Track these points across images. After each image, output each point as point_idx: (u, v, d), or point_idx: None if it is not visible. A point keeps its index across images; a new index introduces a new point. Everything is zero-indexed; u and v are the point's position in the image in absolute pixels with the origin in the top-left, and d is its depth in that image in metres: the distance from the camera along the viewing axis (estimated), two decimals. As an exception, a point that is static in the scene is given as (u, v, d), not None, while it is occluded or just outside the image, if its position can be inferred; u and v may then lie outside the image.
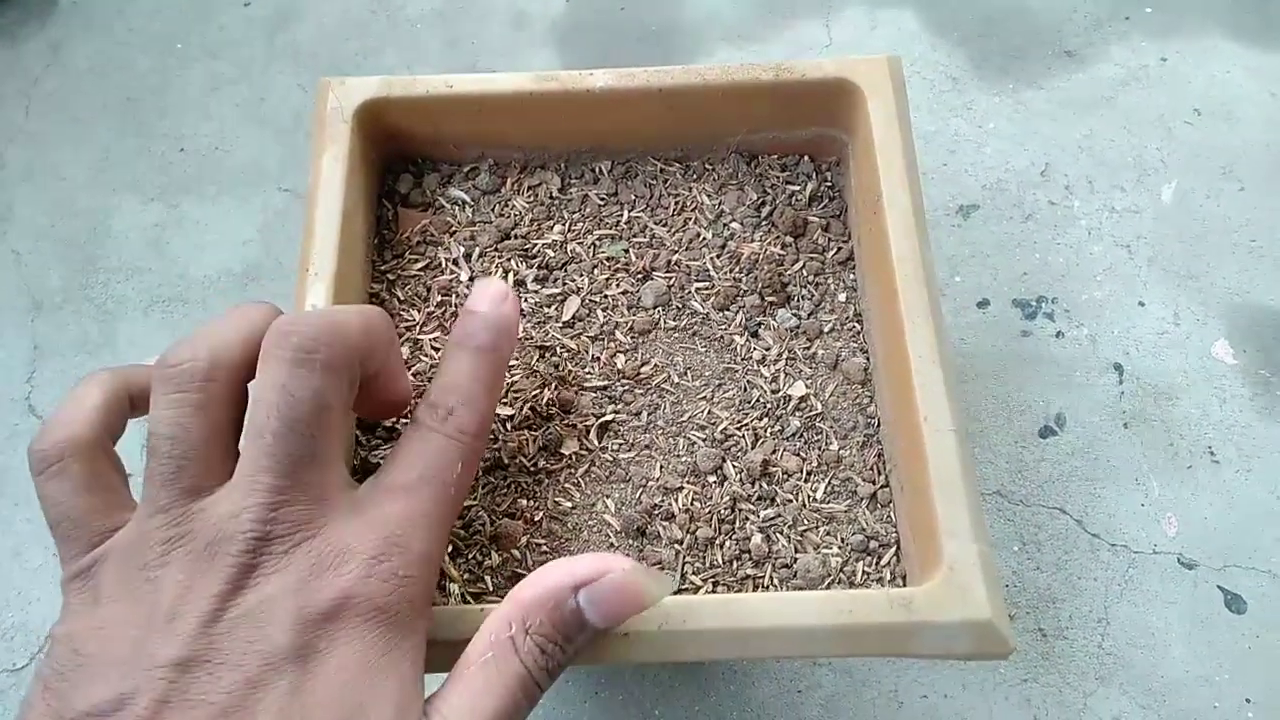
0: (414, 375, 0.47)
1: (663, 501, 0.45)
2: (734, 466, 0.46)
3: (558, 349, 0.48)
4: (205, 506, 0.27)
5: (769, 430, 0.47)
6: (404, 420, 0.46)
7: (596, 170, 0.54)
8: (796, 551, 0.44)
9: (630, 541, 0.44)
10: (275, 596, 0.25)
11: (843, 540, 0.44)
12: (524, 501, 0.45)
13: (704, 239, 0.52)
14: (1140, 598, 0.61)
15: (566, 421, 0.47)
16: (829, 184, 0.54)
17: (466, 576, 0.43)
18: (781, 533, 0.44)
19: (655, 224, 0.52)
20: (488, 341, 0.35)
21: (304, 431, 0.28)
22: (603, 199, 0.53)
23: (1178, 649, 0.59)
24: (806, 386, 0.48)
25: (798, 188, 0.53)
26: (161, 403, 0.28)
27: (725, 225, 0.52)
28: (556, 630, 0.31)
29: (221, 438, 0.29)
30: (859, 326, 0.49)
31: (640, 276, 0.51)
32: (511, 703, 0.29)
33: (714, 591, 0.43)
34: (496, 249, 0.51)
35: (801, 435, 0.47)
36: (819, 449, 0.46)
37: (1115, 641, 0.60)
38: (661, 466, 0.46)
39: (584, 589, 0.32)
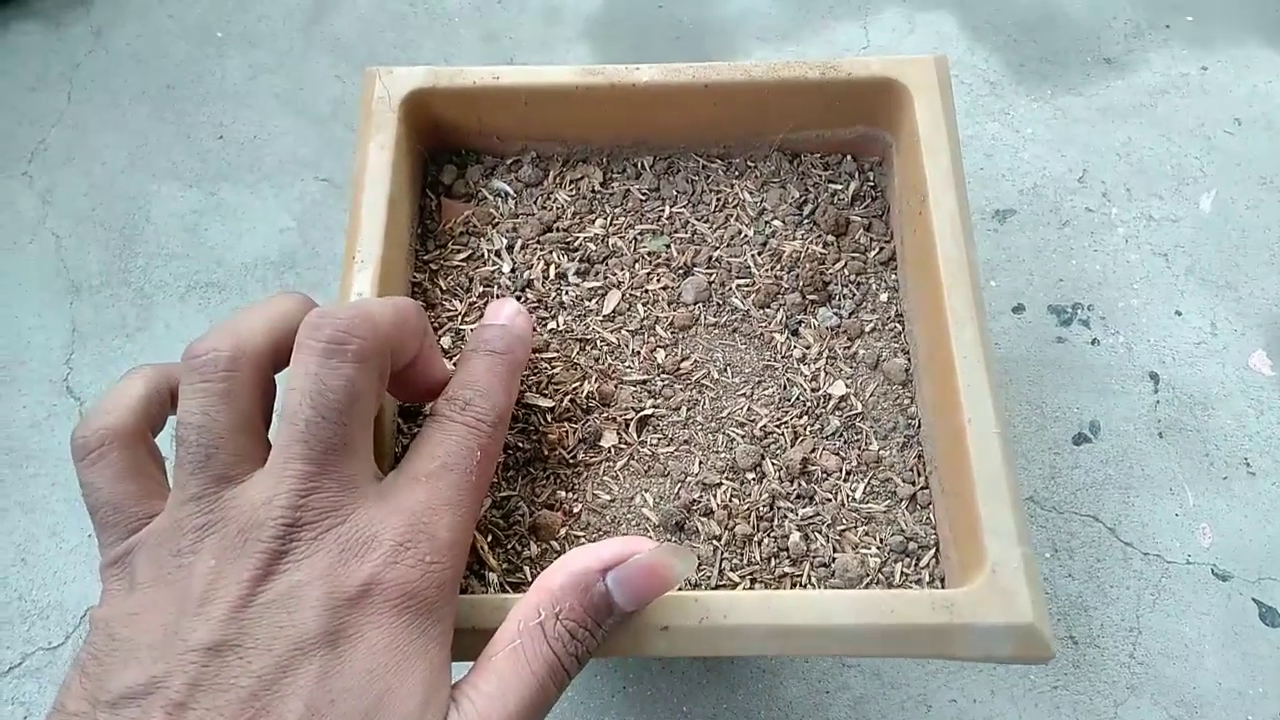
0: (455, 365, 0.47)
1: (701, 497, 0.45)
2: (773, 464, 0.46)
3: (598, 342, 0.49)
4: (237, 494, 0.28)
5: (808, 429, 0.47)
6: (444, 409, 0.46)
7: (639, 165, 0.54)
8: (835, 551, 0.44)
9: (668, 536, 0.44)
10: (305, 582, 0.26)
11: (881, 541, 0.44)
12: (563, 493, 0.45)
13: (745, 236, 0.52)
14: (1173, 608, 0.61)
15: (606, 415, 0.47)
16: (871, 184, 0.53)
17: (505, 566, 0.43)
18: (820, 531, 0.44)
19: (697, 220, 0.52)
20: (503, 346, 0.37)
21: (336, 420, 0.28)
22: (644, 194, 0.53)
23: (1211, 661, 0.59)
24: (847, 386, 0.48)
25: (840, 187, 0.53)
26: (187, 392, 0.29)
27: (767, 223, 0.52)
28: (586, 614, 0.31)
29: (249, 426, 0.30)
30: (900, 327, 0.49)
31: (681, 272, 0.51)
32: (540, 689, 0.29)
33: (751, 588, 0.43)
34: (538, 241, 0.51)
35: (841, 434, 0.46)
36: (859, 449, 0.46)
37: (1147, 651, 0.59)
38: (700, 462, 0.46)
39: (611, 571, 0.32)
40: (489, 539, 0.43)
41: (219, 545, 0.26)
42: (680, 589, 0.43)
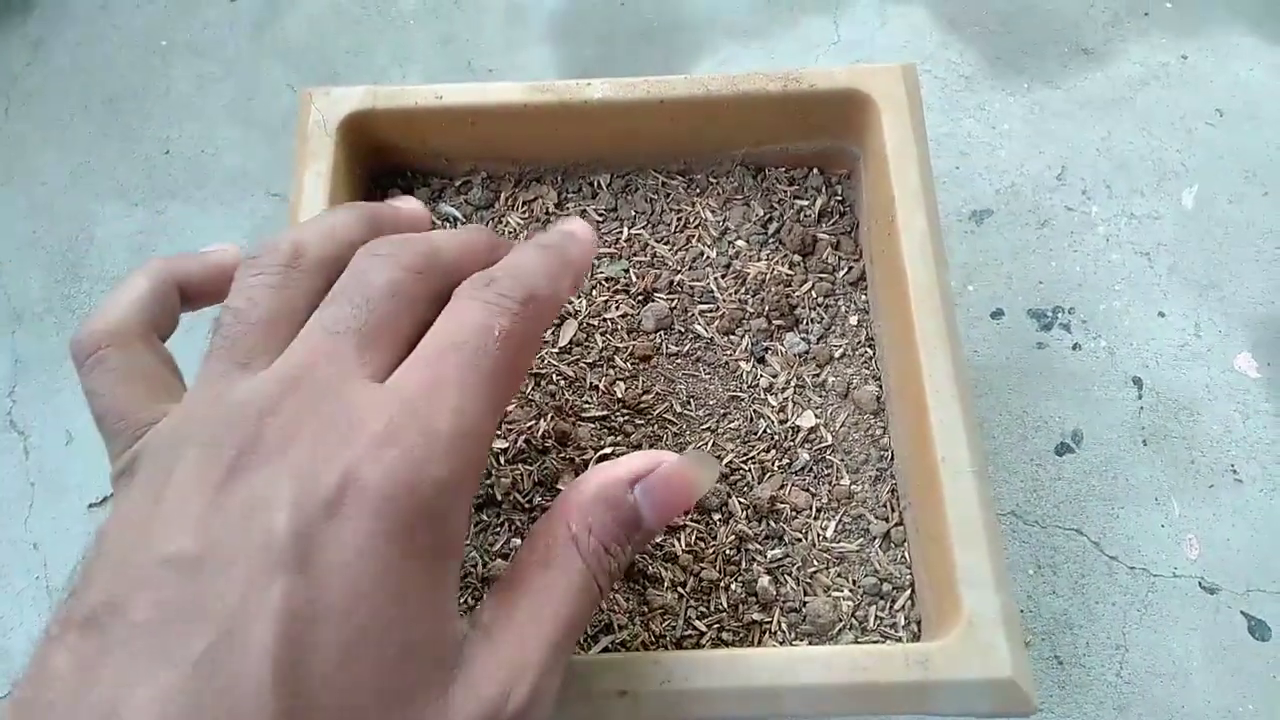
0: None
1: (664, 541, 0.42)
2: (740, 502, 0.43)
3: (554, 377, 0.46)
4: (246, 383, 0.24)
5: (777, 464, 0.44)
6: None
7: (595, 184, 0.51)
8: (806, 594, 0.41)
9: (630, 584, 0.42)
10: (274, 478, 0.22)
11: (854, 583, 0.42)
12: (518, 541, 0.42)
13: (708, 258, 0.49)
14: (1160, 623, 0.59)
15: (563, 455, 0.44)
16: (839, 198, 0.51)
17: (457, 623, 0.40)
18: (790, 574, 0.42)
19: (656, 242, 0.50)
20: (555, 240, 0.31)
21: (369, 307, 0.25)
22: (601, 215, 0.50)
23: (1199, 678, 0.57)
24: (816, 416, 0.45)
25: (806, 203, 0.50)
26: (236, 286, 0.26)
27: (730, 243, 0.50)
28: (619, 528, 0.28)
29: (292, 320, 0.26)
30: (871, 352, 0.47)
31: (641, 298, 0.48)
32: (578, 609, 0.26)
33: (719, 638, 0.40)
34: (490, 268, 0.49)
35: (811, 469, 0.44)
36: (829, 484, 0.44)
37: (1134, 670, 0.58)
38: (663, 503, 0.43)
39: (639, 482, 0.29)
40: (440, 594, 0.41)
41: (205, 438, 0.23)
42: (643, 643, 0.40)
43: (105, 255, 0.73)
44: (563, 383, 0.46)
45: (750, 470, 0.44)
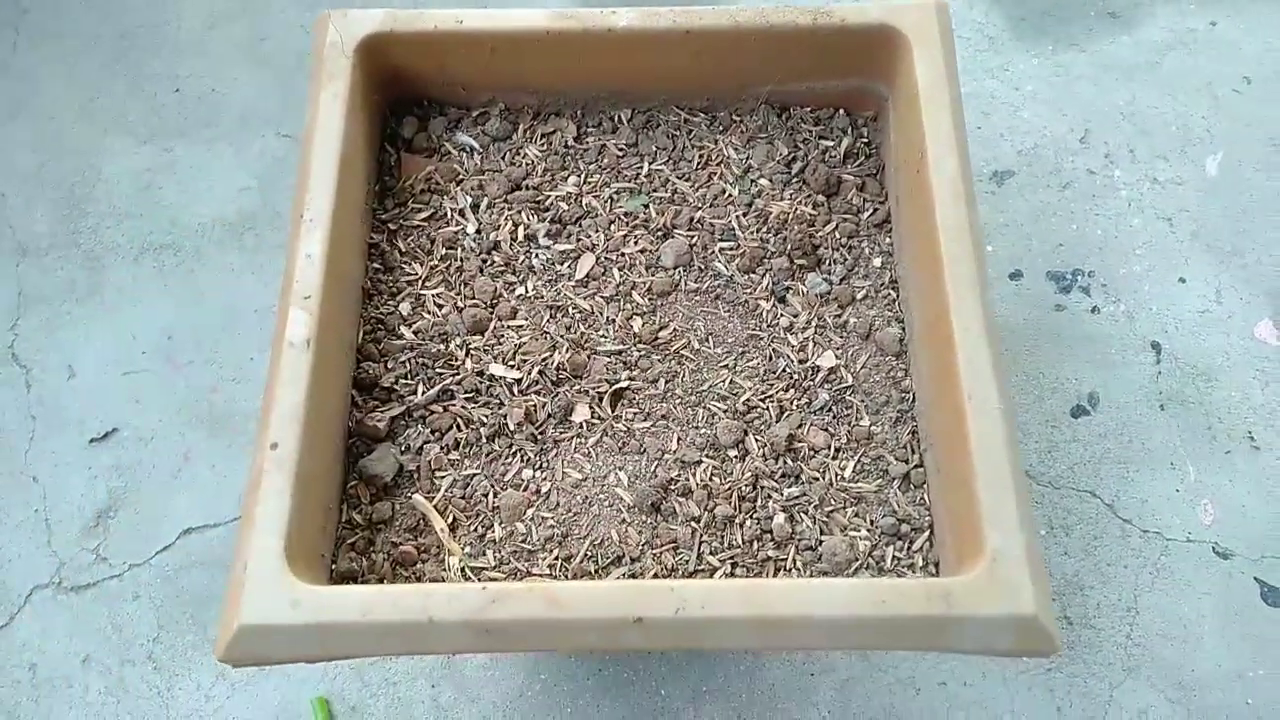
0: (414, 333, 0.44)
1: (679, 475, 0.42)
2: (757, 441, 0.42)
3: (570, 309, 0.45)
4: None
5: (795, 403, 0.43)
6: (404, 380, 0.43)
7: (615, 119, 0.50)
8: (822, 533, 0.41)
9: (644, 518, 0.41)
10: None
11: (872, 522, 0.41)
12: (530, 472, 0.42)
13: (730, 195, 0.48)
14: (1172, 587, 0.58)
15: (578, 387, 0.43)
16: (865, 140, 0.50)
17: (467, 550, 0.40)
18: (806, 512, 0.41)
19: (677, 178, 0.49)
20: None
21: None
22: (621, 150, 0.49)
23: (1210, 642, 0.57)
24: (836, 357, 0.44)
25: (832, 143, 0.49)
26: None
27: (753, 181, 0.48)
28: None
29: None
30: (894, 294, 0.46)
31: (660, 234, 0.47)
32: None
33: (733, 574, 0.40)
34: (506, 200, 0.48)
35: (830, 409, 0.43)
36: (849, 424, 0.43)
37: (1144, 632, 0.57)
38: (679, 438, 0.42)
39: None
40: (449, 520, 0.40)
41: None
42: (656, 575, 0.40)
43: (112, 191, 0.72)
44: (578, 315, 0.45)
45: (768, 408, 0.43)
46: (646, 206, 0.48)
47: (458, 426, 0.42)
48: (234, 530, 0.60)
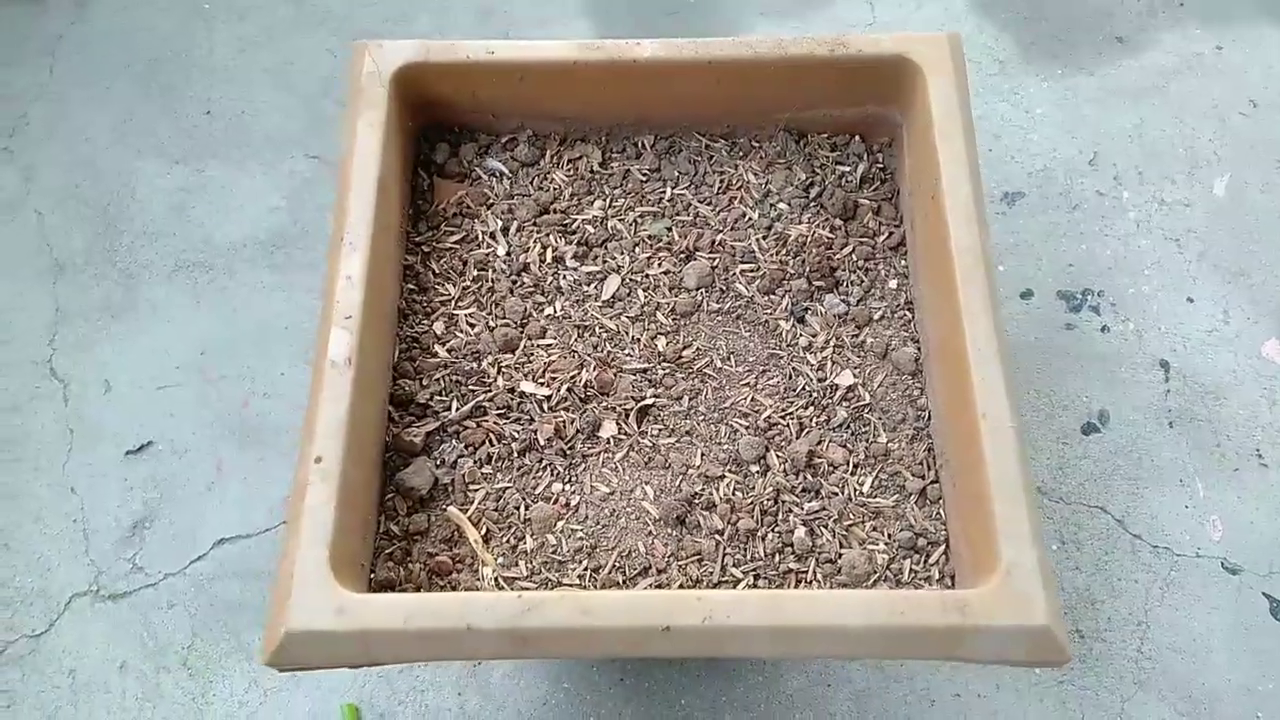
0: (448, 351, 0.46)
1: (703, 490, 0.43)
2: (778, 456, 0.44)
3: (597, 328, 0.47)
4: None
5: (815, 420, 0.45)
6: (439, 397, 0.44)
7: (639, 144, 0.52)
8: (841, 546, 0.42)
9: (669, 530, 0.42)
10: None
11: (889, 537, 0.42)
12: (560, 485, 0.43)
13: (750, 219, 0.50)
14: (1182, 602, 0.59)
15: (605, 404, 0.45)
16: (881, 165, 0.51)
17: (501, 561, 0.41)
18: (826, 526, 0.43)
19: (699, 202, 0.50)
20: None
21: None
22: (645, 175, 0.51)
23: (1220, 656, 0.58)
24: (854, 376, 0.46)
25: (848, 168, 0.51)
26: None
27: (772, 205, 0.50)
28: None
29: None
30: (910, 315, 0.47)
31: (683, 256, 0.49)
32: None
33: (755, 585, 0.41)
34: (535, 223, 0.49)
35: (848, 426, 0.45)
36: (866, 441, 0.45)
37: (1155, 646, 0.58)
38: (702, 454, 0.44)
39: None
40: (483, 532, 0.42)
41: None
42: (681, 586, 0.41)
43: (146, 210, 0.74)
44: (605, 335, 0.47)
45: (789, 425, 0.45)
46: (669, 230, 0.49)
47: (490, 441, 0.43)
48: (266, 540, 0.62)
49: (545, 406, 0.45)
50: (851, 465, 0.44)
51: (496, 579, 0.41)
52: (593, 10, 0.83)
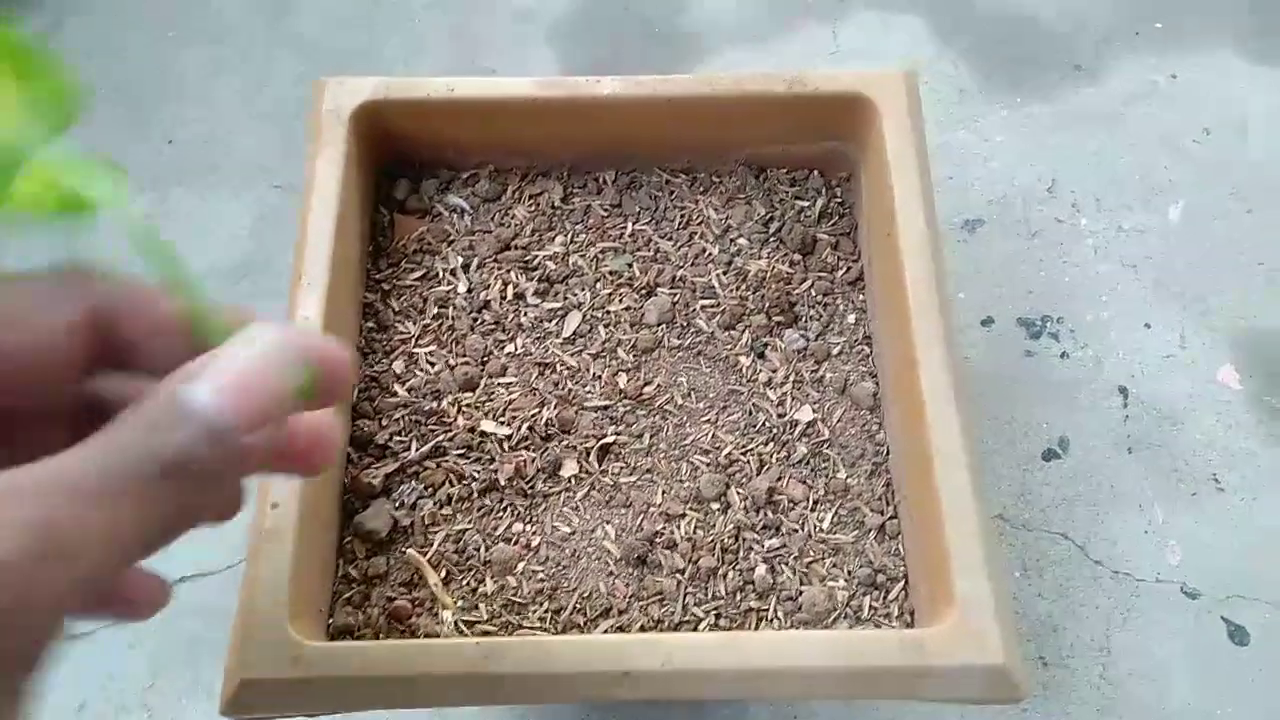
0: (408, 390, 0.46)
1: (664, 529, 0.43)
2: (738, 493, 0.44)
3: (558, 366, 0.47)
4: None
5: (775, 456, 0.45)
6: (398, 437, 0.44)
7: (600, 180, 0.52)
8: (802, 584, 0.42)
9: (630, 570, 0.42)
10: None
11: (849, 573, 0.43)
12: (520, 525, 0.43)
13: (710, 254, 0.50)
14: (1143, 627, 0.60)
15: (566, 442, 0.45)
16: (839, 200, 0.52)
17: (460, 604, 0.41)
18: (787, 564, 0.43)
19: (660, 238, 0.51)
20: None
21: None
22: (606, 210, 0.51)
23: (1180, 681, 0.58)
24: (814, 411, 0.46)
25: (807, 203, 0.52)
26: None
27: (732, 241, 0.51)
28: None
29: None
30: (868, 349, 0.48)
31: (644, 292, 0.49)
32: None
33: (716, 624, 0.41)
34: (495, 260, 0.49)
35: (808, 462, 0.45)
36: (826, 477, 0.45)
37: (1117, 671, 0.59)
38: (664, 492, 0.44)
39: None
40: (443, 575, 0.42)
41: None
42: (643, 627, 0.41)
43: (109, 238, 0.74)
44: (566, 372, 0.47)
45: (749, 462, 0.45)
46: (630, 265, 0.50)
47: (450, 482, 0.43)
48: (227, 579, 0.61)
49: (506, 446, 0.45)
50: (811, 501, 0.44)
51: (457, 622, 0.40)
52: (563, 36, 0.84)
